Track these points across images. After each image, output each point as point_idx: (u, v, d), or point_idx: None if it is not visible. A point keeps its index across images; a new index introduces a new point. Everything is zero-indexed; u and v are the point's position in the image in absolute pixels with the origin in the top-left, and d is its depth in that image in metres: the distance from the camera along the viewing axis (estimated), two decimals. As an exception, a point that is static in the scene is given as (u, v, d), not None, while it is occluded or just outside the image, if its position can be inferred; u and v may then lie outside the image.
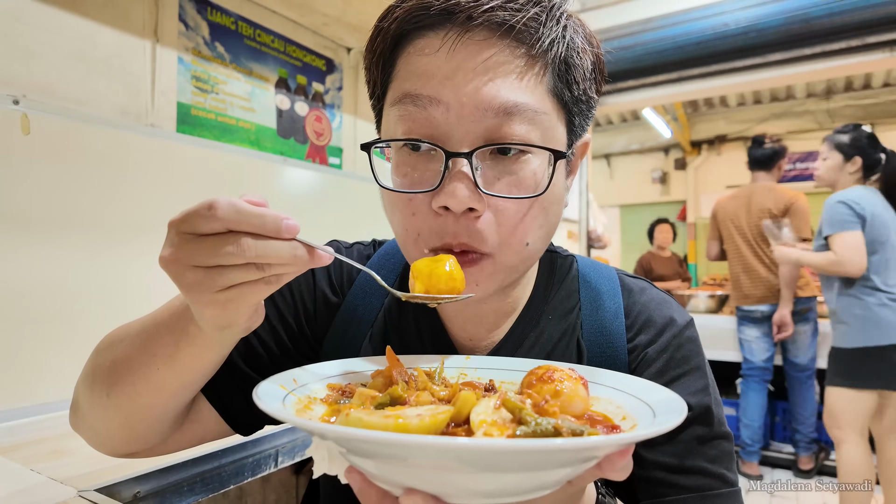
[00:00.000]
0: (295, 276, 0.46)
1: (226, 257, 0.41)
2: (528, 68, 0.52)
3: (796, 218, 3.06)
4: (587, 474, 0.38)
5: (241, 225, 0.41)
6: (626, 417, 0.44)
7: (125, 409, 0.57)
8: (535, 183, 0.54)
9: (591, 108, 0.60)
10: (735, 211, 3.23)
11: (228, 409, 0.66)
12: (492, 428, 0.36)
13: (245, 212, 0.41)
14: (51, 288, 1.28)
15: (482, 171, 0.53)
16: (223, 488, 1.04)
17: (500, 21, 0.50)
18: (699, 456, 0.60)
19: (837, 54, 2.73)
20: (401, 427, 0.35)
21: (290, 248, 0.42)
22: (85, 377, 0.60)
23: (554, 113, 0.55)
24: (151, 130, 1.56)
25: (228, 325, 0.47)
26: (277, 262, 0.42)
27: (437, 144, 0.52)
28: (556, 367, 0.47)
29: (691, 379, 0.62)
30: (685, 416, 0.37)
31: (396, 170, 0.57)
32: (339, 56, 2.29)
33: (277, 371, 0.66)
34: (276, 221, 0.41)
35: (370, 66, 0.59)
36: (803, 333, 3.17)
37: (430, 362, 0.57)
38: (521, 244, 0.56)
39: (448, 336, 0.67)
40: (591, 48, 0.57)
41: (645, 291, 0.69)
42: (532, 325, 0.67)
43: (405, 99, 0.53)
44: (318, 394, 0.49)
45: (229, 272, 0.42)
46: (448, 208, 0.52)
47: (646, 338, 0.64)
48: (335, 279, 0.72)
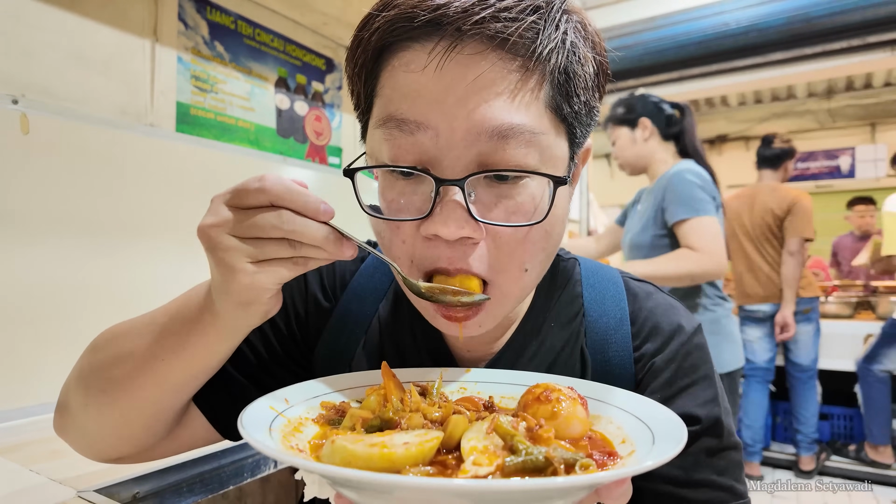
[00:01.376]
0: (321, 265, 0.48)
1: (265, 229, 0.43)
2: (524, 83, 0.47)
3: (798, 217, 3.06)
4: (586, 501, 0.37)
5: (285, 200, 0.43)
6: (625, 441, 0.43)
7: (123, 406, 0.56)
8: (534, 208, 0.49)
9: (592, 118, 0.55)
10: (739, 210, 3.22)
11: (217, 414, 0.63)
12: (481, 456, 0.36)
13: (292, 189, 0.44)
14: (50, 288, 1.28)
15: (476, 196, 0.48)
16: (223, 489, 1.04)
17: (492, 34, 0.45)
18: (708, 468, 0.57)
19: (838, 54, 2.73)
20: (386, 457, 0.35)
21: (325, 231, 0.45)
22: (78, 375, 0.58)
23: (552, 130, 0.50)
24: (151, 130, 1.56)
25: (251, 301, 0.47)
26: (310, 243, 0.45)
27: (427, 171, 0.48)
28: (554, 386, 0.46)
29: (700, 389, 0.60)
30: (683, 445, 0.36)
31: (383, 194, 0.53)
32: (339, 55, 2.29)
33: (266, 375, 0.66)
34: (316, 203, 0.44)
35: (352, 77, 0.54)
36: (805, 334, 3.17)
37: (427, 376, 0.56)
38: (519, 270, 0.52)
39: (445, 344, 0.65)
40: (593, 53, 0.52)
41: (651, 296, 0.66)
42: (533, 335, 0.64)
43: (390, 122, 0.48)
44: (311, 413, 0.48)
45: (265, 245, 0.44)
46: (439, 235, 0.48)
47: (653, 346, 0.61)
48: (327, 283, 0.70)
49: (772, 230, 3.11)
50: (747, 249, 3.19)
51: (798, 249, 3.03)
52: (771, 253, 3.10)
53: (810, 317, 3.14)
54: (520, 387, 0.52)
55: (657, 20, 2.84)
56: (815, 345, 3.20)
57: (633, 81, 3.16)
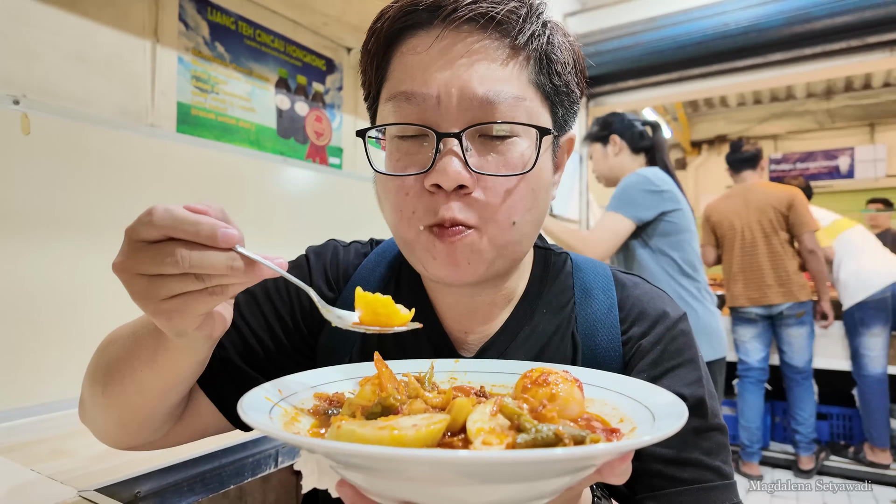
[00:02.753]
0: (245, 287, 0.46)
1: (164, 266, 0.41)
2: (511, 58, 0.56)
3: (801, 212, 3.07)
4: (586, 480, 0.37)
5: (176, 231, 0.41)
6: (623, 420, 0.43)
7: (117, 408, 0.60)
8: (522, 163, 0.57)
9: (573, 103, 0.63)
10: (730, 212, 3.21)
11: (226, 404, 0.66)
12: (490, 436, 0.36)
13: (179, 218, 0.41)
14: (50, 288, 1.28)
15: (472, 152, 0.56)
16: (223, 488, 1.04)
17: (483, 12, 0.54)
18: (695, 448, 0.60)
19: (838, 54, 2.73)
20: (397, 440, 0.34)
21: (227, 259, 0.42)
22: (87, 374, 0.63)
23: (537, 101, 0.58)
24: (151, 130, 1.56)
25: (178, 333, 0.47)
26: (214, 273, 0.42)
27: (429, 127, 0.55)
28: (550, 369, 0.47)
29: (685, 370, 0.63)
30: (686, 419, 0.37)
31: (390, 156, 0.59)
32: (340, 56, 2.29)
33: (274, 367, 0.68)
34: (212, 229, 0.41)
35: (366, 67, 0.62)
36: (799, 337, 3.17)
37: (418, 367, 0.57)
38: (507, 221, 0.57)
39: (443, 328, 0.68)
40: (570, 45, 0.61)
41: (638, 286, 0.70)
42: (526, 319, 0.67)
43: (399, 97, 0.56)
44: (305, 404, 0.48)
45: (169, 282, 0.42)
46: (440, 186, 0.54)
47: (639, 330, 0.65)
48: (331, 275, 0.73)
49: (774, 226, 3.10)
50: (739, 250, 3.18)
51: (815, 244, 3.08)
52: (775, 250, 3.10)
53: (804, 320, 3.15)
54: (509, 375, 0.53)
55: (657, 20, 2.84)
56: (810, 347, 3.21)
57: (633, 82, 3.16)
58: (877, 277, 3.12)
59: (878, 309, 3.10)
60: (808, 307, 3.15)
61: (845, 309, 3.23)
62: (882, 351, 3.12)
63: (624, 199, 2.01)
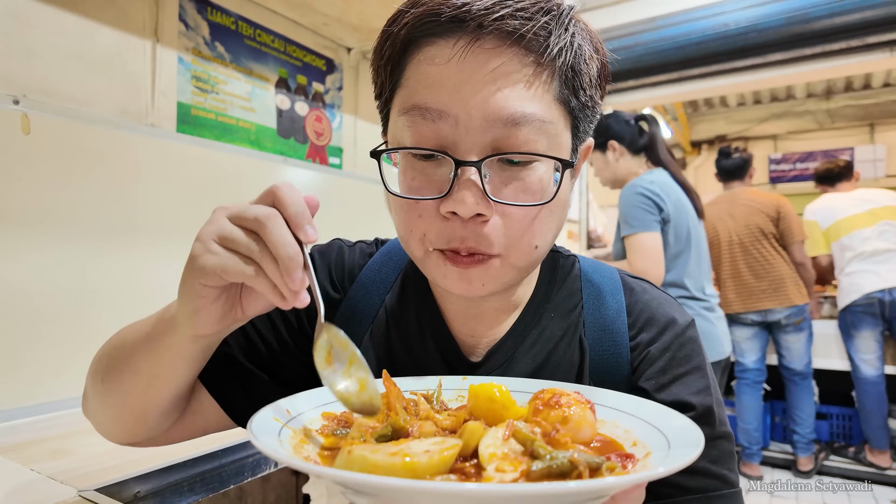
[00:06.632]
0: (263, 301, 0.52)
1: (245, 219, 0.46)
2: (536, 77, 0.53)
3: (790, 221, 3.08)
4: None
5: (281, 200, 0.47)
6: (636, 443, 0.43)
7: (116, 407, 0.62)
8: (541, 189, 0.55)
9: (595, 114, 0.61)
10: (715, 217, 3.20)
11: (229, 401, 0.67)
12: (503, 463, 0.35)
13: (297, 197, 0.47)
14: (51, 288, 1.28)
15: (490, 178, 0.53)
16: (223, 488, 1.04)
17: (510, 30, 0.50)
18: (702, 456, 0.59)
19: (837, 54, 2.73)
20: (409, 467, 0.34)
21: (294, 251, 0.45)
22: (90, 370, 0.65)
23: (560, 121, 0.55)
24: (152, 130, 1.56)
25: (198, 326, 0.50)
26: (277, 250, 0.45)
27: (447, 153, 0.53)
28: (562, 390, 0.46)
29: (693, 378, 0.62)
30: (702, 448, 0.36)
31: (404, 174, 0.57)
32: (340, 56, 2.29)
33: (278, 366, 0.68)
34: (304, 218, 0.47)
35: (378, 69, 0.59)
36: (797, 342, 3.17)
37: (424, 384, 0.56)
38: (529, 246, 0.56)
39: (450, 333, 0.68)
40: (597, 55, 0.58)
41: (647, 291, 0.69)
42: (534, 323, 0.67)
43: (413, 111, 0.53)
44: (314, 424, 0.47)
45: (236, 260, 0.46)
46: (456, 213, 0.53)
47: (648, 336, 0.64)
48: (336, 276, 0.73)
49: (764, 233, 3.11)
50: (728, 257, 3.18)
51: (804, 257, 3.11)
52: (765, 255, 3.11)
53: (801, 326, 3.15)
54: (516, 393, 0.52)
55: (657, 20, 2.84)
56: (808, 350, 3.21)
57: (633, 82, 3.16)
58: (866, 282, 3.10)
59: (865, 313, 3.10)
60: (805, 312, 3.15)
61: (839, 311, 3.23)
62: (874, 355, 3.12)
63: (630, 219, 1.97)
